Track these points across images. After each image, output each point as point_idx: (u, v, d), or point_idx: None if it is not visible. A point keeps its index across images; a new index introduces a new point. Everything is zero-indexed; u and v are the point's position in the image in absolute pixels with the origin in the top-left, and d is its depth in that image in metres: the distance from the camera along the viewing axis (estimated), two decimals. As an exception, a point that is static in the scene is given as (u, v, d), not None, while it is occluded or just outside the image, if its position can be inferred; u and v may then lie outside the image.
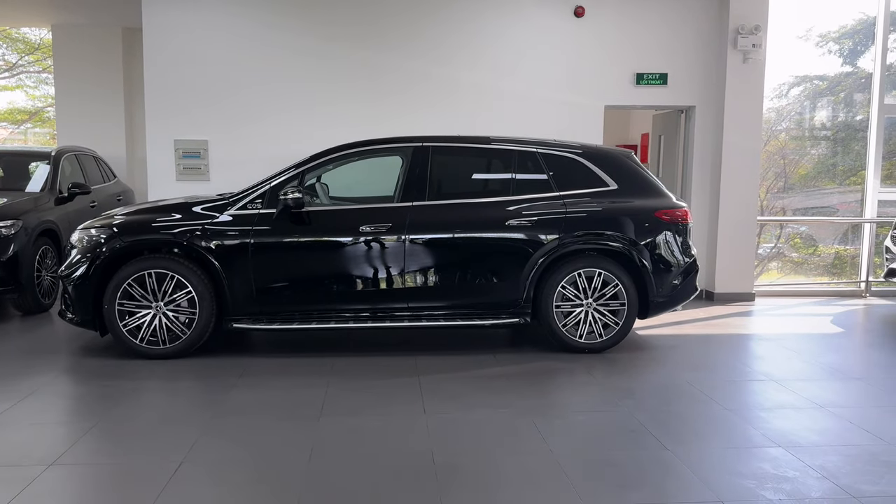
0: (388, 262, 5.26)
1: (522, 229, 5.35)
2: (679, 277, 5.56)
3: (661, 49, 7.65)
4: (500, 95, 7.52)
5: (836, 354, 5.66)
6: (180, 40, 7.23)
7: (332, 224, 5.34)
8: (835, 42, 14.26)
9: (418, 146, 5.51)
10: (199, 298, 5.11)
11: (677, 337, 6.13)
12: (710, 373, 5.08)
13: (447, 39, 7.48)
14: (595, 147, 5.85)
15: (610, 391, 4.60)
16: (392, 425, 3.94)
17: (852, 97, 14.25)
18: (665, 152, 8.54)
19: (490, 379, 4.85)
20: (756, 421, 4.09)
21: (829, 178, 13.29)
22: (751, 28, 7.45)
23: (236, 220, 5.20)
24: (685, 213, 5.59)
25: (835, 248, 11.03)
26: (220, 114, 7.30)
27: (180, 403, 4.37)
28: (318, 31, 7.33)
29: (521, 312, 5.40)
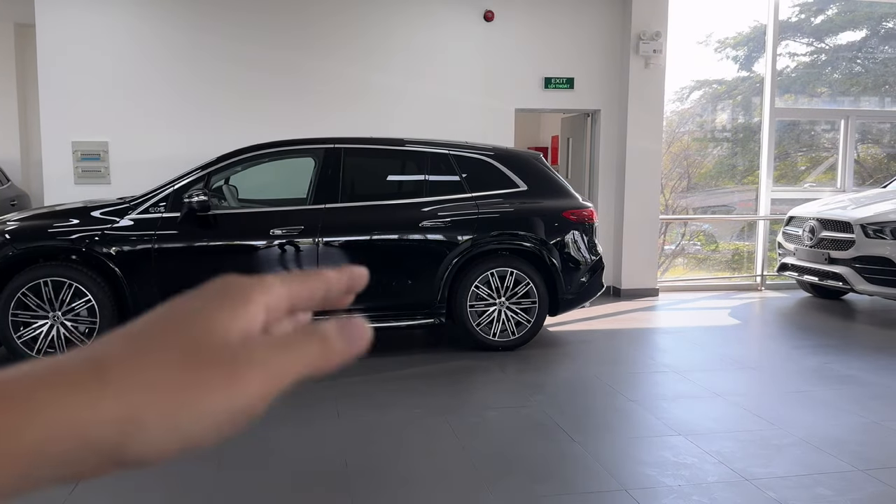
0: (300, 265, 5.19)
1: (436, 230, 5.40)
2: (587, 275, 5.74)
3: (568, 54, 7.88)
4: (413, 98, 7.56)
5: (733, 345, 5.98)
6: (77, 37, 6.90)
7: (242, 228, 5.22)
8: (732, 48, 15.00)
9: (330, 147, 5.47)
10: (100, 307, 4.90)
11: (586, 332, 6.33)
12: (617, 366, 5.27)
13: (360, 40, 7.45)
14: (506, 149, 5.96)
15: (522, 387, 4.71)
16: (305, 432, 3.89)
17: (749, 100, 15.04)
18: (573, 154, 8.79)
19: (405, 380, 4.86)
20: (658, 411, 4.27)
21: (728, 178, 13.97)
22: (652, 34, 7.77)
23: (138, 224, 5.01)
24: (591, 213, 5.78)
25: (734, 244, 11.63)
26: (121, 114, 7.02)
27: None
28: (225, 30, 7.16)
29: (437, 313, 5.44)
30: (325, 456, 3.55)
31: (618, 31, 7.96)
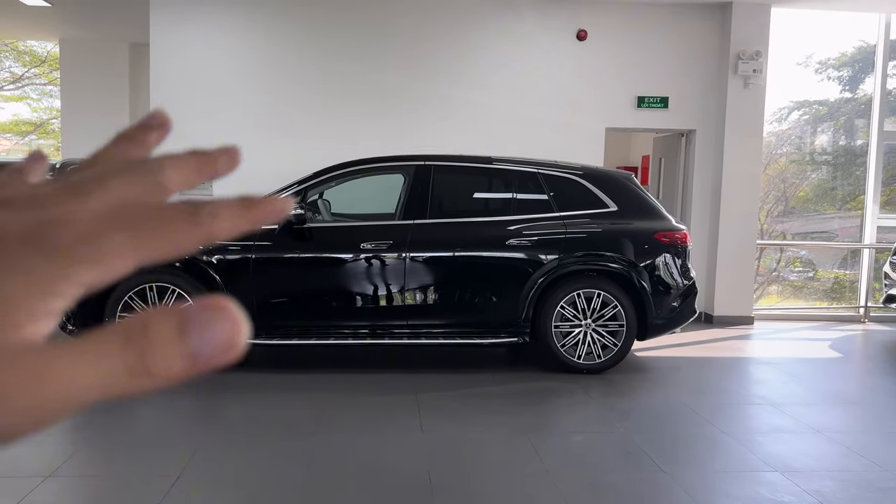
0: (388, 279, 5.29)
1: (522, 249, 5.38)
2: (678, 300, 5.57)
3: (662, 73, 7.73)
4: (503, 116, 7.59)
5: (833, 379, 5.67)
6: (186, 57, 7.31)
7: (334, 240, 5.37)
8: (835, 68, 14.36)
9: (420, 165, 5.56)
10: (200, 312, 5.12)
11: (676, 359, 6.14)
12: (708, 395, 5.08)
13: (452, 61, 7.56)
14: (596, 168, 5.90)
15: (607, 412, 4.61)
16: (389, 443, 3.94)
17: (852, 122, 14.32)
18: (665, 175, 8.60)
19: (488, 397, 4.85)
20: (753, 444, 4.09)
21: (828, 203, 13.32)
22: (752, 54, 7.53)
23: (238, 235, 5.23)
24: (685, 236, 5.62)
25: (834, 272, 11.05)
26: (225, 129, 7.36)
27: (177, 418, 4.37)
28: (323, 50, 7.42)
29: (520, 332, 5.41)
30: (408, 469, 3.57)
31: (715, 50, 7.76)
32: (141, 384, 0.26)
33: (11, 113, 19.53)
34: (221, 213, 0.29)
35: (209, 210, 0.29)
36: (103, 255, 0.27)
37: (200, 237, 0.29)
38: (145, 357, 0.26)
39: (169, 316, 0.27)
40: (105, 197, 0.29)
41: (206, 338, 0.26)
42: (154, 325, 0.26)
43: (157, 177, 0.30)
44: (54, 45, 13.83)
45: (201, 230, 0.29)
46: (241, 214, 0.30)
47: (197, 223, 0.29)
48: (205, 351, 0.26)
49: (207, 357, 0.27)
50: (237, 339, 0.27)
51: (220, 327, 0.27)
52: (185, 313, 0.27)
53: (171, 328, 0.26)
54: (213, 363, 0.27)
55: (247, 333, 0.28)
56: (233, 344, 0.27)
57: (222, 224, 0.29)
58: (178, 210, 0.29)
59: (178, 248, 0.29)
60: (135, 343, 0.26)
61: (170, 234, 0.28)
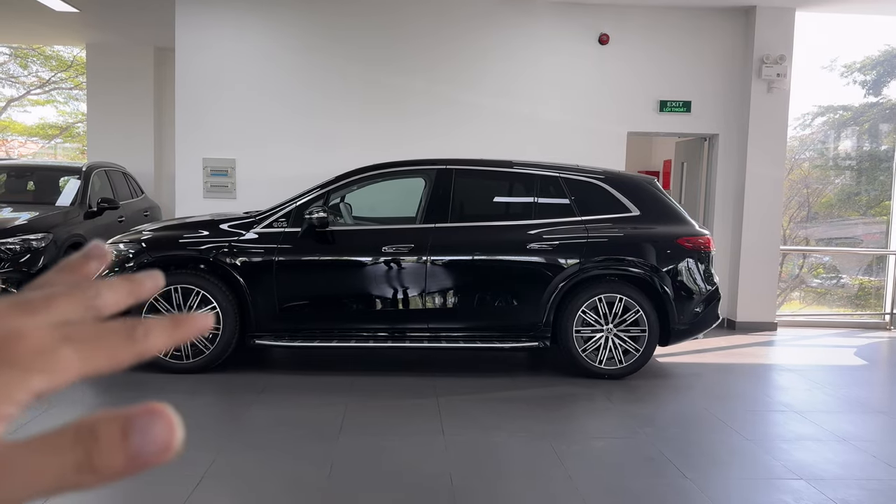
0: (409, 282, 5.31)
1: (543, 253, 5.38)
2: (701, 305, 5.54)
3: (685, 77, 7.70)
4: (523, 120, 7.60)
5: (859, 387, 5.60)
6: (211, 61, 7.39)
7: (355, 244, 5.40)
8: (860, 73, 14.20)
9: (442, 169, 5.58)
10: (224, 314, 5.18)
11: (698, 365, 6.10)
12: (731, 402, 5.04)
13: (472, 64, 7.58)
14: (617, 173, 5.88)
15: (629, 418, 4.59)
16: (411, 445, 3.95)
17: (877, 127, 14.14)
18: (687, 179, 8.54)
19: (508, 402, 4.85)
20: (777, 452, 4.05)
21: (852, 208, 13.16)
22: (776, 58, 7.47)
23: (262, 238, 5.28)
24: (708, 241, 5.59)
25: (859, 279, 10.91)
26: (248, 133, 7.44)
27: (202, 418, 4.42)
28: (345, 55, 7.47)
29: (541, 336, 5.40)
30: (431, 471, 3.58)
31: (739, 54, 7.71)
32: (86, 479, 0.29)
33: (38, 117, 19.87)
34: (153, 331, 0.33)
35: (143, 329, 0.33)
36: (54, 367, 0.31)
37: (136, 352, 0.33)
38: (92, 456, 0.29)
39: (114, 420, 0.29)
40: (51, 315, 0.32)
41: (146, 440, 0.29)
42: (101, 428, 0.29)
43: (95, 300, 0.34)
44: (81, 50, 14.04)
45: (137, 346, 0.33)
46: (170, 332, 0.34)
47: (133, 340, 0.32)
48: (144, 451, 0.29)
49: (147, 457, 0.29)
50: (173, 441, 0.30)
51: (158, 430, 0.30)
52: (127, 417, 0.29)
53: (116, 431, 0.29)
54: (151, 462, 0.29)
55: (181, 436, 0.30)
56: (169, 445, 0.30)
57: (154, 341, 0.33)
58: (118, 328, 0.33)
59: (118, 361, 0.32)
60: (84, 443, 0.29)
61: (110, 350, 0.32)
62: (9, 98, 18.65)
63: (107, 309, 0.35)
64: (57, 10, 8.78)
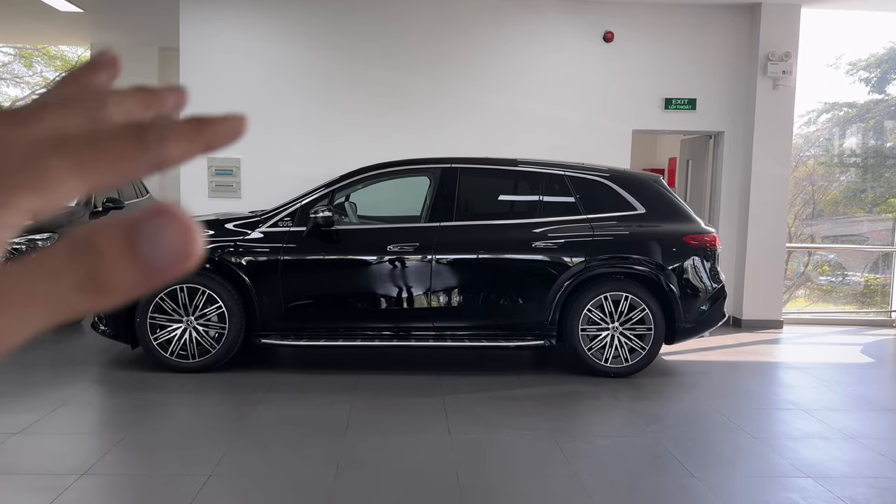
0: (414, 281, 5.30)
1: (549, 251, 5.37)
2: (707, 303, 5.53)
3: (690, 74, 7.68)
4: (528, 118, 7.59)
5: (866, 385, 5.58)
6: (215, 61, 7.40)
7: (361, 243, 5.40)
8: (864, 70, 14.15)
9: (446, 167, 5.57)
10: (229, 313, 5.18)
11: (704, 363, 6.08)
12: (737, 400, 5.03)
13: (477, 63, 7.57)
14: (623, 171, 5.87)
15: (635, 416, 4.58)
16: (417, 444, 3.95)
17: (882, 124, 14.09)
18: (693, 177, 8.53)
19: (514, 400, 4.85)
20: (784, 450, 4.04)
21: (857, 206, 13.11)
22: (781, 55, 7.45)
23: (267, 237, 5.28)
24: (714, 239, 5.57)
25: (865, 276, 10.88)
26: (253, 132, 7.39)
27: (208, 417, 4.42)
28: (350, 53, 7.47)
29: (547, 335, 5.40)
30: (437, 470, 3.58)
31: (744, 52, 7.69)
32: (93, 301, 0.25)
33: (43, 116, 19.90)
34: (171, 135, 0.27)
35: (157, 132, 0.27)
36: (44, 181, 0.26)
37: (149, 162, 0.27)
38: (94, 272, 0.24)
39: (116, 226, 0.25)
40: (42, 126, 0.27)
41: (158, 246, 0.25)
42: (101, 238, 0.25)
43: (99, 110, 0.29)
44: (85, 50, 14.06)
45: (149, 154, 0.27)
46: (192, 137, 0.28)
47: (144, 146, 0.27)
48: (157, 260, 0.25)
49: (160, 267, 0.25)
50: (190, 245, 0.25)
51: (171, 234, 0.25)
52: (132, 222, 0.25)
53: (119, 239, 0.25)
54: (167, 273, 0.25)
55: (201, 240, 0.26)
56: (186, 251, 0.25)
57: (172, 148, 0.27)
58: (123, 132, 0.27)
59: (125, 172, 0.27)
60: (82, 258, 0.25)
61: (114, 158, 0.26)
62: (13, 98, 18.70)
63: (112, 121, 0.29)
64: (61, 10, 8.79)
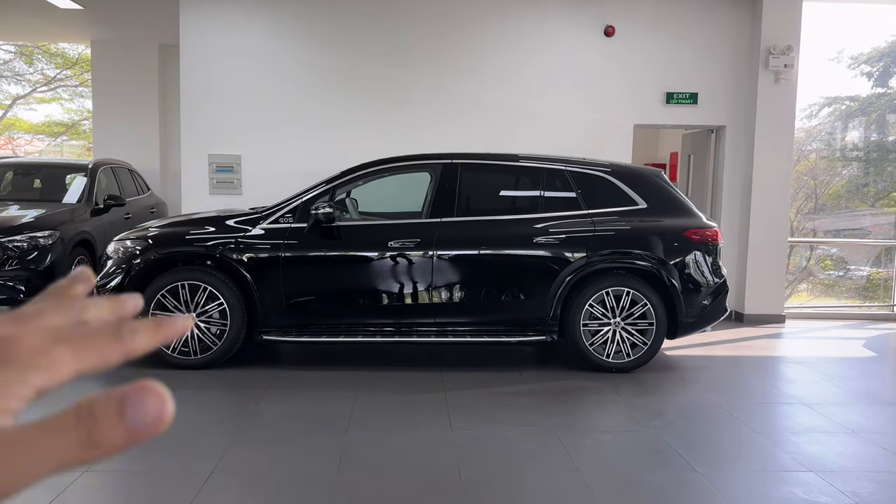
0: (415, 277, 5.30)
1: (550, 247, 5.36)
2: (709, 298, 5.52)
3: (692, 68, 7.66)
4: (529, 113, 7.57)
5: (868, 379, 5.57)
6: (215, 57, 7.39)
7: (362, 239, 5.39)
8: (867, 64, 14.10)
9: (447, 163, 5.56)
10: (231, 310, 5.18)
11: (706, 358, 6.08)
12: (740, 395, 5.03)
13: (478, 58, 7.55)
14: (624, 165, 5.85)
15: (637, 411, 4.58)
16: (419, 440, 3.95)
17: (884, 118, 14.05)
18: (694, 172, 8.51)
19: (516, 396, 4.85)
20: (786, 444, 4.04)
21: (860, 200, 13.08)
22: (783, 48, 7.43)
23: (268, 233, 5.28)
24: (715, 233, 5.56)
25: (867, 270, 10.86)
26: (253, 129, 7.43)
27: (210, 414, 4.43)
28: (349, 51, 7.46)
29: (548, 330, 5.39)
30: (439, 466, 3.58)
31: (745, 45, 7.66)
32: (90, 454, 0.32)
33: (44, 114, 19.93)
34: (139, 331, 0.37)
35: (129, 329, 0.37)
36: (52, 364, 0.34)
37: (124, 350, 0.36)
38: (92, 433, 0.32)
39: (111, 399, 0.32)
40: (44, 323, 0.36)
41: (141, 415, 0.32)
42: (98, 407, 0.32)
43: (82, 313, 0.38)
44: (86, 48, 14.05)
45: (124, 344, 0.36)
46: (154, 332, 0.38)
47: (120, 339, 0.36)
48: (140, 425, 0.32)
49: (142, 431, 0.32)
50: (165, 414, 0.33)
51: (150, 405, 0.32)
52: (122, 396, 0.32)
53: (113, 409, 0.32)
54: (147, 434, 0.32)
55: (172, 408, 0.33)
56: (161, 417, 0.33)
57: (140, 339, 0.37)
58: (106, 329, 0.36)
59: (108, 358, 0.36)
60: (84, 422, 0.32)
61: (101, 348, 0.35)
62: (14, 96, 18.70)
63: (93, 321, 0.39)
64: (61, 8, 8.79)
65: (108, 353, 0.36)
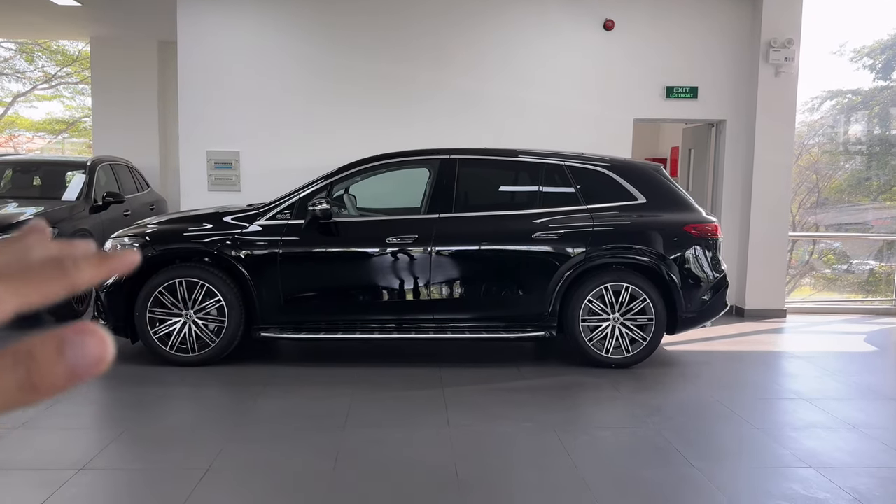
0: (413, 273, 5.28)
1: (549, 242, 5.34)
2: (708, 293, 5.49)
3: (691, 62, 7.61)
4: (529, 108, 7.54)
5: (869, 374, 5.54)
6: (214, 54, 7.36)
7: (360, 235, 5.37)
8: (869, 57, 14.01)
9: (445, 158, 5.54)
10: (229, 307, 5.17)
11: (706, 353, 6.05)
12: (740, 390, 5.00)
13: (476, 53, 7.52)
14: (623, 160, 5.82)
15: (637, 407, 4.56)
16: (416, 437, 3.94)
17: (887, 111, 13.96)
18: (695, 166, 8.47)
19: (515, 392, 4.83)
20: (786, 440, 4.01)
21: (862, 194, 13.03)
22: (783, 41, 7.38)
23: (266, 230, 5.26)
24: (715, 228, 5.53)
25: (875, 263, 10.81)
26: (251, 126, 7.41)
27: (208, 411, 4.41)
28: (347, 46, 7.42)
29: (547, 326, 5.37)
30: (436, 462, 3.57)
31: (746, 39, 7.62)
32: (30, 397, 0.32)
33: (45, 112, 19.92)
34: (82, 264, 0.36)
35: (73, 262, 0.36)
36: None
37: (67, 284, 0.35)
38: (32, 374, 0.31)
39: (49, 340, 0.32)
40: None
41: (81, 355, 0.32)
42: (38, 348, 0.32)
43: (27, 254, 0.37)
44: (85, 45, 14.04)
45: (67, 278, 0.35)
46: (98, 265, 0.37)
47: (63, 272, 0.35)
48: (80, 365, 0.32)
49: (83, 370, 0.32)
50: (105, 354, 0.33)
51: (91, 346, 0.32)
52: (61, 337, 0.32)
53: (52, 349, 0.32)
54: (88, 375, 0.33)
55: (113, 350, 0.33)
56: (102, 358, 0.33)
57: (84, 273, 0.36)
58: (47, 263, 0.36)
59: (50, 294, 0.35)
60: (23, 363, 0.32)
61: (42, 283, 0.35)
62: (15, 93, 18.70)
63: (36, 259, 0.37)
64: (59, 4, 8.76)
65: (49, 287, 0.35)
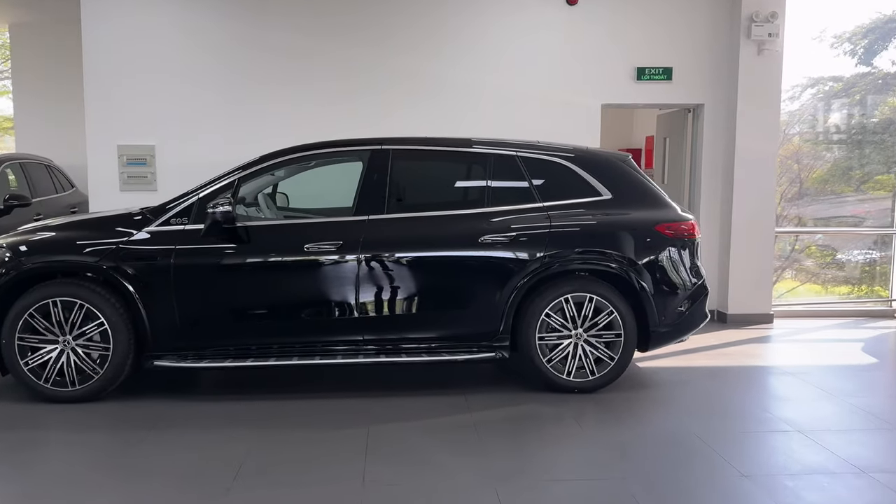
0: (337, 286, 4.43)
1: (498, 247, 4.52)
2: (685, 303, 4.71)
3: (665, 41, 6.82)
4: (485, 93, 6.71)
5: (872, 393, 4.79)
6: (124, 34, 6.47)
7: (272, 242, 4.50)
8: (850, 42, 13.38)
9: (376, 149, 4.70)
10: (114, 331, 4.30)
11: (684, 370, 5.28)
12: (722, 420, 4.22)
13: (427, 32, 6.67)
14: (585, 150, 5.00)
15: (601, 448, 3.76)
16: (317, 498, 3.10)
17: (866, 98, 13.36)
18: (671, 156, 7.69)
19: (456, 430, 4.00)
20: (781, 493, 3.23)
21: (844, 183, 12.42)
22: (767, 15, 6.61)
23: (156, 237, 4.39)
24: (692, 227, 4.75)
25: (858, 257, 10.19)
26: (169, 116, 6.52)
27: (77, 461, 3.56)
28: (280, 24, 6.55)
29: (498, 346, 4.56)
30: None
31: (725, 13, 6.83)
32: None
33: (-11, 108, 18.77)
34: None
35: None
36: None
37: None
38: None
39: None
40: None
41: None
42: None
43: None
44: (5, 31, 13.03)
45: None
46: None
47: None
48: None
49: None
50: None
51: None
52: None
53: None
54: None
55: None
56: None
57: None
58: None
59: None
60: None
61: None
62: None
63: None
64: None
65: None
